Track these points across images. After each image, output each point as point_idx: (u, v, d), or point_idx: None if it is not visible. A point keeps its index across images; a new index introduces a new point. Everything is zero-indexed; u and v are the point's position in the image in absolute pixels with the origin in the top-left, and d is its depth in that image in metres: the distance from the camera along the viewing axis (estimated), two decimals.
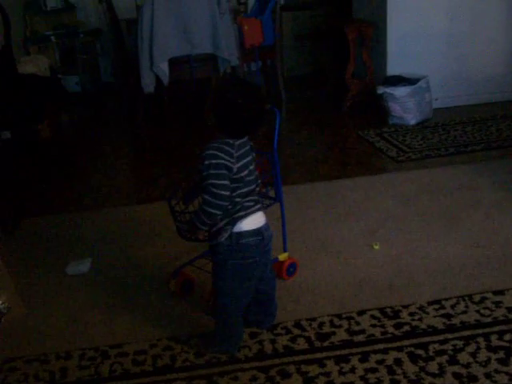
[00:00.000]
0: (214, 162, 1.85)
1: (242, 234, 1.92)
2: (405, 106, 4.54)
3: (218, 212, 1.88)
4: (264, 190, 2.34)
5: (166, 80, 4.67)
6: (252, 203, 1.95)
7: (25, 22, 6.12)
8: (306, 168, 3.89)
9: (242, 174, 1.90)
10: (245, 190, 1.92)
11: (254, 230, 1.94)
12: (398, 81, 4.64)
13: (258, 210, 1.98)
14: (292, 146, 4.33)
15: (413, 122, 4.59)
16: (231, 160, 1.86)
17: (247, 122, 1.89)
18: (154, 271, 2.69)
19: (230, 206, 1.90)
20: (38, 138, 4.85)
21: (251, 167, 1.95)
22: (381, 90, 4.63)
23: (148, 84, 4.69)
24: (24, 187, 3.97)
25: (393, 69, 4.86)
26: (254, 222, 1.95)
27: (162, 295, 2.49)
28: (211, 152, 1.86)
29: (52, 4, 6.12)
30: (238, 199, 1.91)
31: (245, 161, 1.91)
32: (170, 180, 3.81)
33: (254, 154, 1.99)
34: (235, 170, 1.87)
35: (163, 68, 4.63)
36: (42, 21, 6.23)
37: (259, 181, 2.02)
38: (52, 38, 6.11)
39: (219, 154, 1.85)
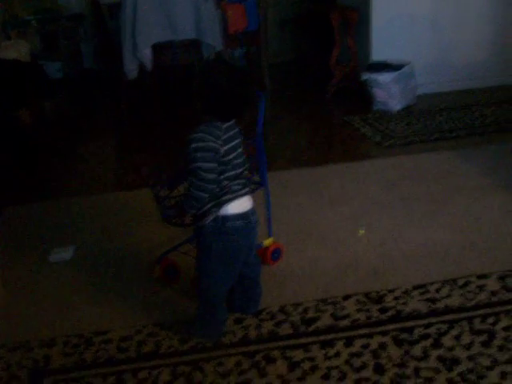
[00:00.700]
0: (201, 144, 1.83)
1: (227, 217, 1.91)
2: (389, 92, 4.54)
3: (206, 195, 1.87)
4: (250, 175, 2.33)
5: (149, 66, 4.62)
6: (239, 186, 1.94)
7: (4, 5, 6.01)
8: (291, 154, 3.88)
9: (230, 157, 1.88)
10: (232, 172, 1.91)
11: (240, 214, 1.93)
12: (383, 67, 4.63)
13: (246, 193, 1.97)
14: (276, 132, 4.31)
15: (397, 107, 4.59)
16: (218, 142, 1.84)
17: (233, 105, 1.87)
18: (139, 257, 2.67)
19: (217, 189, 1.89)
20: (18, 124, 4.78)
21: (239, 150, 1.94)
22: (365, 75, 4.63)
23: (131, 70, 4.64)
24: (4, 174, 3.91)
25: (377, 54, 4.85)
26: (240, 205, 1.93)
27: (146, 281, 2.48)
28: (198, 135, 1.85)
29: None
30: (225, 182, 1.89)
31: (232, 143, 1.90)
32: (154, 166, 3.78)
33: (241, 138, 1.97)
34: (222, 152, 1.86)
35: (146, 54, 4.58)
36: (22, 5, 6.12)
37: (247, 164, 2.01)
38: (33, 22, 6.00)
39: (206, 136, 1.84)
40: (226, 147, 1.87)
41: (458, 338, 2.00)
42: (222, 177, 1.88)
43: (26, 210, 3.32)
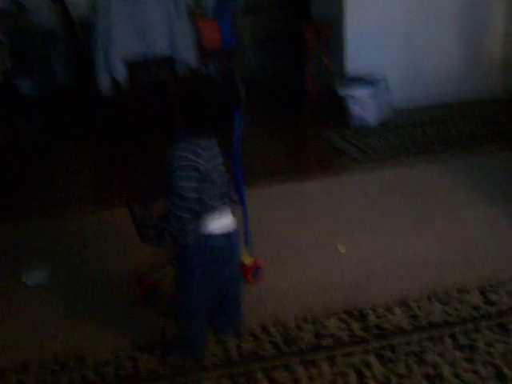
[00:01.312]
0: (182, 163, 1.80)
1: (210, 237, 1.88)
2: (365, 107, 4.56)
3: (187, 215, 1.83)
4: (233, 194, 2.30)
5: (122, 81, 4.57)
6: (222, 206, 1.91)
7: None
8: (268, 170, 3.86)
9: (211, 176, 1.85)
10: (215, 191, 1.88)
11: (222, 233, 1.90)
12: (358, 82, 4.65)
13: (229, 213, 1.93)
14: (253, 149, 4.28)
15: (374, 122, 4.61)
16: (199, 161, 1.81)
17: (214, 119, 1.85)
18: (117, 278, 2.61)
19: (199, 208, 1.85)
20: None
21: (220, 169, 1.91)
22: (341, 91, 4.64)
23: (105, 86, 4.59)
24: None
25: (352, 69, 4.87)
26: (223, 225, 1.91)
27: (125, 303, 2.42)
28: (179, 153, 1.81)
29: (2, 5, 5.93)
30: (207, 201, 1.86)
31: (214, 162, 1.87)
32: (131, 185, 3.73)
33: (221, 158, 1.94)
34: (204, 171, 1.82)
35: (120, 70, 4.53)
36: None
37: (229, 182, 1.98)
38: (3, 39, 5.91)
39: (187, 155, 1.80)
40: (207, 166, 1.84)
41: (441, 354, 1.98)
42: (204, 195, 1.85)
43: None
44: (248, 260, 2.47)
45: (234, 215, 1.98)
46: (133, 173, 3.95)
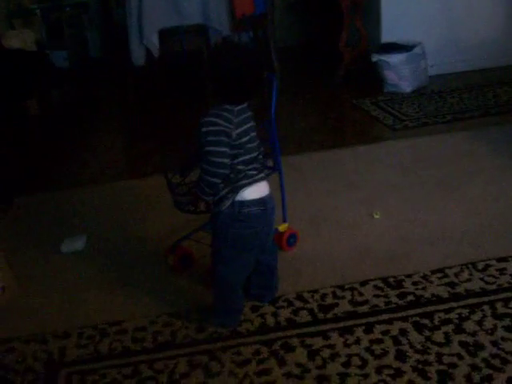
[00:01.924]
0: (211, 128, 1.80)
1: (244, 203, 1.87)
2: (400, 74, 4.47)
3: (218, 180, 1.83)
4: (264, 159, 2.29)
5: (156, 52, 4.57)
6: (255, 172, 1.90)
7: None
8: (302, 138, 3.83)
9: (243, 140, 1.84)
10: (247, 157, 1.86)
11: (256, 200, 1.89)
12: (393, 48, 4.55)
13: (262, 179, 1.92)
14: (287, 117, 4.26)
15: (408, 89, 4.52)
16: (230, 126, 1.80)
17: (244, 87, 1.83)
18: (152, 246, 2.64)
19: (232, 174, 1.85)
20: (26, 115, 4.75)
21: (252, 134, 1.89)
22: (375, 57, 4.55)
23: (138, 57, 4.59)
24: (14, 164, 3.89)
25: (387, 36, 4.76)
26: (257, 191, 1.89)
27: (160, 270, 2.44)
28: (209, 119, 1.81)
29: None
30: (240, 167, 1.85)
31: (245, 127, 1.86)
32: (164, 154, 3.74)
33: (254, 122, 1.92)
34: (235, 136, 1.81)
35: (153, 40, 4.53)
36: None
37: (262, 148, 1.96)
38: (37, 11, 5.95)
39: (218, 120, 1.80)
40: (238, 130, 1.83)
41: (480, 322, 1.96)
42: (237, 161, 1.84)
43: (36, 200, 3.29)
44: (283, 226, 2.47)
45: (268, 181, 1.97)
46: (168, 141, 3.96)
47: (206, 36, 4.69)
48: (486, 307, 2.03)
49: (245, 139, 1.85)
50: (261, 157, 1.94)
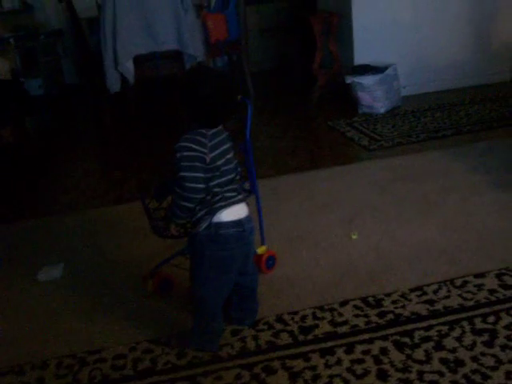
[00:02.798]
0: (185, 154, 1.81)
1: (221, 225, 1.87)
2: (374, 95, 4.53)
3: (191, 205, 1.84)
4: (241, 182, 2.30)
5: (131, 79, 4.58)
6: (233, 193, 1.91)
7: None
8: (278, 160, 3.85)
9: (218, 163, 1.85)
10: (223, 179, 1.87)
11: (234, 221, 1.89)
12: (366, 70, 4.63)
13: (239, 200, 1.93)
14: (262, 140, 4.29)
15: (382, 110, 4.59)
16: (204, 150, 1.81)
17: (218, 110, 1.85)
18: (130, 272, 2.62)
19: (208, 197, 1.86)
20: (1, 143, 4.71)
21: (228, 156, 1.91)
22: (349, 79, 4.62)
23: (113, 84, 4.60)
24: None
25: (360, 58, 4.85)
26: (234, 212, 1.90)
27: (139, 296, 2.42)
28: (183, 144, 1.82)
29: (8, 5, 5.95)
30: (216, 189, 1.86)
31: (220, 149, 1.87)
32: (141, 179, 3.74)
33: (231, 143, 1.93)
34: (209, 160, 1.83)
35: (128, 66, 4.54)
36: (0, 23, 6.06)
37: (239, 169, 1.97)
38: (11, 40, 5.94)
39: (191, 145, 1.81)
40: (212, 154, 1.84)
41: (459, 339, 1.97)
42: (212, 183, 1.85)
43: (12, 228, 3.25)
44: (261, 249, 2.47)
45: (246, 203, 1.98)
46: (144, 167, 3.95)
47: (181, 62, 4.72)
48: (464, 323, 2.04)
49: (220, 162, 1.86)
50: (238, 178, 1.95)
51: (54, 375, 2.02)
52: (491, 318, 2.05)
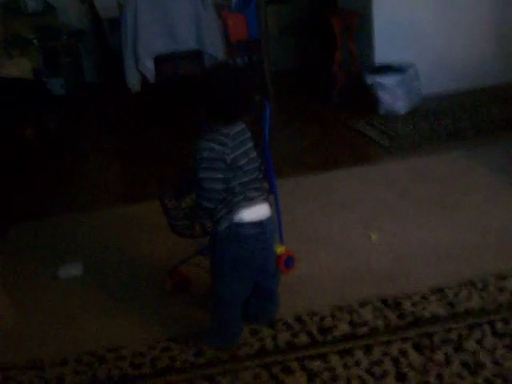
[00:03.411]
0: (205, 155, 1.81)
1: (241, 225, 1.87)
2: (394, 95, 4.49)
3: (212, 205, 1.84)
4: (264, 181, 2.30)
5: (152, 78, 4.60)
6: (256, 193, 1.90)
7: (5, 24, 6.01)
8: (298, 161, 3.84)
9: (240, 164, 1.85)
10: (245, 178, 1.87)
11: (254, 222, 1.89)
12: (386, 69, 4.59)
13: (261, 201, 1.92)
14: (282, 139, 4.27)
15: (403, 110, 4.55)
16: (225, 151, 1.81)
17: (234, 104, 1.83)
18: (149, 271, 2.63)
19: (229, 197, 1.85)
20: (24, 143, 4.76)
21: (252, 155, 1.90)
22: (369, 79, 4.59)
23: (134, 83, 4.63)
24: (12, 192, 3.88)
25: (380, 57, 4.81)
26: (256, 213, 1.89)
27: (158, 295, 2.43)
28: (204, 144, 1.82)
29: (32, 6, 6.01)
30: (237, 189, 1.86)
31: (243, 149, 1.87)
32: (161, 178, 3.75)
33: (252, 143, 1.93)
34: (230, 160, 1.82)
35: (149, 66, 4.57)
36: (23, 23, 6.12)
37: (262, 168, 1.97)
38: (34, 40, 6.01)
39: (213, 146, 1.81)
40: (234, 154, 1.83)
41: (480, 341, 1.95)
42: (234, 183, 1.85)
43: (33, 227, 3.28)
44: (280, 248, 2.46)
45: (268, 204, 1.97)
46: (164, 166, 3.96)
47: (201, 61, 4.73)
48: (485, 326, 2.02)
49: (243, 162, 1.86)
50: (261, 176, 1.94)
51: (73, 372, 2.04)
52: None
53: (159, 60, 4.60)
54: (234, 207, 1.86)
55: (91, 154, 4.57)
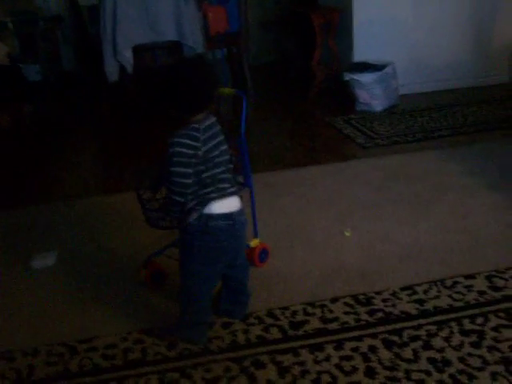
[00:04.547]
0: (177, 149, 1.83)
1: (211, 216, 1.89)
2: (372, 93, 4.54)
3: (180, 199, 1.86)
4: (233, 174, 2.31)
5: (130, 68, 4.57)
6: (226, 185, 1.92)
7: None
8: (274, 155, 3.86)
9: (211, 155, 1.87)
10: (216, 170, 1.89)
11: (225, 214, 1.90)
12: (364, 67, 4.63)
13: (232, 193, 1.94)
14: (259, 134, 4.29)
15: (380, 108, 4.60)
16: (197, 145, 1.83)
17: (193, 94, 1.85)
18: (124, 262, 2.63)
19: (200, 189, 1.87)
20: None
21: (222, 148, 1.92)
22: (347, 76, 4.62)
23: (112, 72, 4.59)
24: None
25: (359, 55, 4.85)
26: (226, 205, 1.91)
27: (132, 287, 2.43)
28: (175, 140, 1.84)
29: None
30: (208, 180, 1.88)
31: (214, 142, 1.89)
32: (137, 170, 3.74)
33: (223, 136, 1.94)
34: (201, 154, 1.84)
35: (127, 56, 4.53)
36: None
37: (233, 159, 1.99)
38: (9, 24, 5.91)
39: (184, 141, 1.83)
40: (206, 147, 1.85)
41: (447, 339, 1.99)
42: (205, 175, 1.87)
43: (6, 216, 3.25)
44: (254, 242, 2.48)
45: (240, 197, 1.99)
46: (140, 158, 3.95)
47: (180, 53, 4.71)
48: (453, 324, 2.07)
49: (214, 153, 1.88)
50: (231, 170, 1.96)
51: (44, 363, 2.03)
52: (479, 320, 2.08)
53: (138, 50, 4.57)
54: (204, 199, 1.88)
55: (67, 142, 4.53)
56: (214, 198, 1.88)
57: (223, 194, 1.91)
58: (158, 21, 4.49)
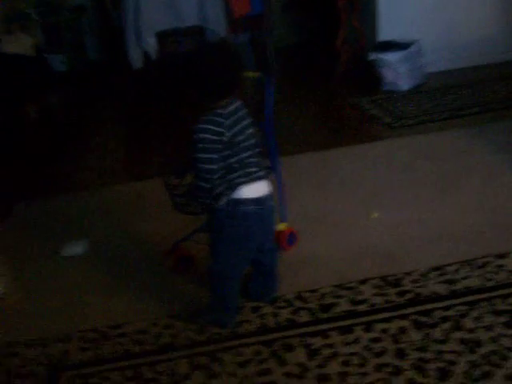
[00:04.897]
0: (201, 135, 1.83)
1: (240, 201, 1.89)
2: (397, 72, 4.47)
3: (207, 185, 1.86)
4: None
5: (153, 54, 4.58)
6: (255, 169, 1.91)
7: None
8: (300, 138, 3.84)
9: (238, 139, 1.86)
10: (243, 155, 1.88)
11: (253, 199, 1.90)
12: (390, 46, 4.56)
13: (261, 177, 1.93)
14: (284, 117, 4.26)
15: (406, 87, 4.53)
16: (221, 130, 1.82)
17: (215, 81, 1.84)
18: (151, 248, 2.65)
19: (228, 173, 1.87)
20: (25, 119, 4.76)
21: (248, 132, 1.91)
22: (372, 55, 4.56)
23: (136, 59, 4.62)
24: (13, 170, 3.90)
25: (384, 34, 4.77)
26: (255, 189, 1.91)
27: (160, 272, 2.46)
28: (200, 126, 1.84)
29: None
30: (236, 165, 1.87)
31: (240, 126, 1.88)
32: (164, 156, 3.76)
33: (249, 119, 1.93)
34: (226, 139, 1.83)
35: (151, 42, 4.55)
36: None
37: (260, 144, 1.98)
38: (33, 15, 5.95)
39: (208, 127, 1.83)
40: (231, 132, 1.85)
41: (478, 319, 1.96)
42: (232, 160, 1.86)
43: (36, 205, 3.30)
44: (282, 226, 2.48)
45: (269, 181, 1.98)
46: (166, 144, 3.97)
47: (203, 37, 4.71)
48: (484, 304, 2.04)
49: (240, 138, 1.87)
50: (259, 154, 1.95)
51: (77, 348, 2.07)
52: (511, 299, 2.04)
53: (161, 36, 4.57)
54: (232, 183, 1.87)
55: (94, 131, 4.57)
56: (242, 183, 1.88)
57: (251, 179, 1.90)
58: (180, 6, 4.50)
